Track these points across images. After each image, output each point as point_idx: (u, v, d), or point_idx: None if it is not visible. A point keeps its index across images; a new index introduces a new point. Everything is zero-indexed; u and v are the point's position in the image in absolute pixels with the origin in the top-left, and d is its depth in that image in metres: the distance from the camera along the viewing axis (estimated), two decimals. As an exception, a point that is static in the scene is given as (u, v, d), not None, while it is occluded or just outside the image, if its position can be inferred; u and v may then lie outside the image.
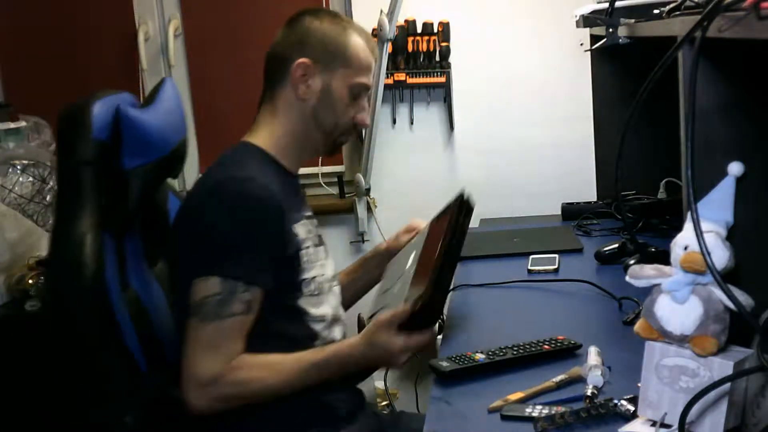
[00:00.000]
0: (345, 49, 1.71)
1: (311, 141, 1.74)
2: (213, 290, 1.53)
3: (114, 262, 1.59)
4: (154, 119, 1.68)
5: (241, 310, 1.54)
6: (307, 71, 1.69)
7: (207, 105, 3.24)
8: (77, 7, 3.22)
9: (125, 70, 3.20)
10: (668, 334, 1.13)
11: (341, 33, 1.72)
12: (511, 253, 2.28)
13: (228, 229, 1.56)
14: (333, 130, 1.74)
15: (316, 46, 1.70)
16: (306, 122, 1.72)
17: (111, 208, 1.60)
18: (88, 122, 1.57)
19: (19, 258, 2.64)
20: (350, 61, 1.71)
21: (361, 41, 1.73)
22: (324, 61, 1.70)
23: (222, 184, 1.60)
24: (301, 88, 1.70)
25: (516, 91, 3.09)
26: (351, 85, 1.71)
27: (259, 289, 1.57)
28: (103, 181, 1.58)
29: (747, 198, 1.10)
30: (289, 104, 1.71)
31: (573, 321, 1.80)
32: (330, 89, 1.71)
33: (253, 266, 1.56)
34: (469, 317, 1.90)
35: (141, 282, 1.74)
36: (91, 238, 1.54)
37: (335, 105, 1.71)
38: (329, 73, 1.70)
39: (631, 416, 1.24)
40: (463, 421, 1.36)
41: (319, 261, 1.72)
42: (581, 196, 2.72)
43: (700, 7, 1.20)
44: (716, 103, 1.11)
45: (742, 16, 0.90)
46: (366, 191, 3.11)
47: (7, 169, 2.75)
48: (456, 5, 3.05)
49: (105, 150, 1.58)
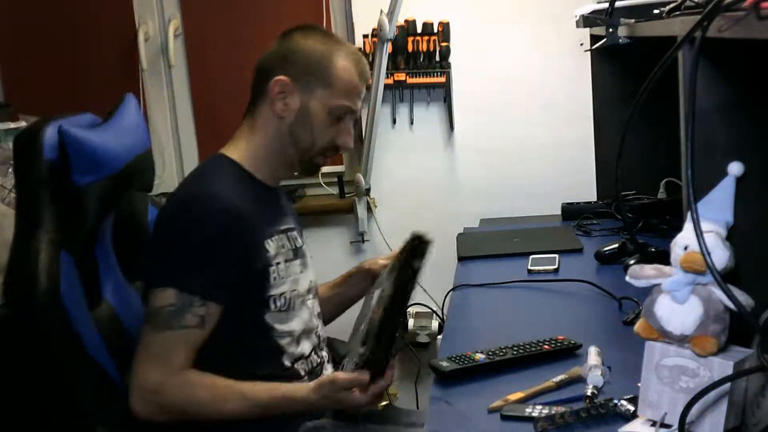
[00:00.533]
0: (327, 70, 1.69)
1: (287, 158, 1.73)
2: (168, 301, 1.54)
3: (74, 279, 1.62)
4: (101, 137, 1.70)
5: (194, 323, 1.55)
6: (285, 89, 1.68)
7: (207, 105, 3.24)
8: (77, 7, 3.22)
9: (125, 70, 3.20)
10: (668, 334, 1.13)
11: (327, 53, 1.70)
12: (511, 253, 2.28)
13: (190, 243, 1.58)
14: (309, 149, 1.71)
15: (298, 64, 1.69)
16: (282, 139, 1.71)
17: (68, 226, 1.63)
18: (39, 144, 1.60)
19: (19, 258, 2.64)
20: (332, 83, 1.69)
21: (347, 64, 1.70)
22: (304, 80, 1.68)
23: (189, 199, 1.62)
24: (278, 105, 1.69)
25: (516, 91, 3.09)
26: (331, 107, 1.69)
27: (215, 305, 1.57)
28: (58, 200, 1.62)
29: (747, 198, 1.10)
30: (267, 120, 1.71)
31: (573, 321, 1.80)
32: (308, 109, 1.69)
33: (212, 282, 1.57)
34: (469, 317, 1.90)
35: (118, 296, 1.77)
36: (45, 254, 1.56)
37: (312, 125, 1.69)
38: (308, 92, 1.69)
39: (631, 416, 1.24)
40: (463, 421, 1.36)
41: (291, 276, 1.71)
42: (581, 196, 2.72)
43: (700, 7, 1.20)
44: (716, 103, 1.11)
45: (742, 16, 0.90)
46: (366, 191, 3.11)
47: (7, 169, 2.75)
48: (456, 5, 3.05)
49: (56, 170, 1.62)
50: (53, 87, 3.16)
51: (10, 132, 2.86)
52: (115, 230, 1.82)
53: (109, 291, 1.76)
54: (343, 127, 1.72)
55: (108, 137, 1.73)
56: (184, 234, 1.59)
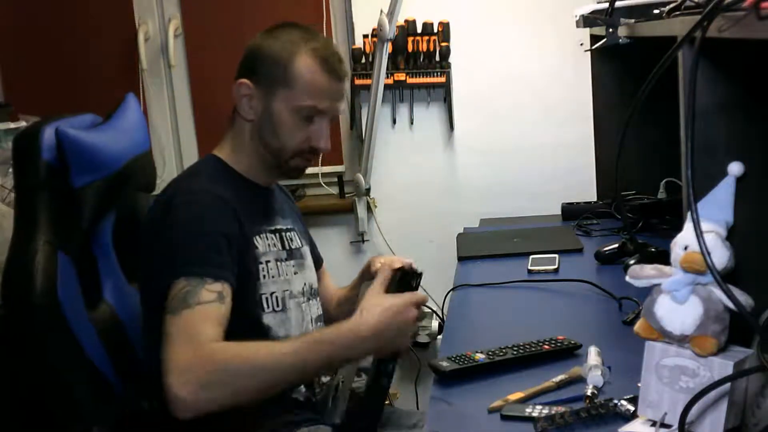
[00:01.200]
0: (286, 70, 1.65)
1: (262, 160, 1.71)
2: (180, 286, 1.50)
3: (72, 279, 1.62)
4: (99, 137, 1.71)
5: (211, 298, 1.49)
6: (247, 92, 1.67)
7: (207, 105, 3.24)
8: (77, 7, 3.22)
9: (125, 70, 3.20)
10: (668, 334, 1.13)
11: (287, 52, 1.66)
12: (511, 253, 2.29)
13: (183, 237, 1.56)
14: (281, 151, 1.68)
15: (260, 65, 1.68)
16: (254, 142, 1.70)
17: (66, 228, 1.63)
18: (38, 145, 1.60)
19: (19, 258, 2.64)
20: (292, 83, 1.65)
21: (311, 61, 1.65)
22: (264, 81, 1.67)
23: (178, 195, 1.61)
24: (243, 108, 1.68)
25: (516, 91, 3.09)
26: (294, 108, 1.65)
27: (227, 284, 1.53)
28: (56, 201, 1.62)
29: (747, 198, 1.10)
30: (241, 123, 1.71)
31: (573, 321, 1.80)
32: (271, 111, 1.66)
33: (217, 265, 1.54)
34: (469, 317, 1.90)
35: (118, 296, 1.78)
36: (42, 255, 1.56)
37: (277, 128, 1.66)
38: (270, 94, 1.66)
39: (631, 416, 1.24)
40: (463, 421, 1.36)
41: (283, 276, 1.69)
42: (581, 196, 2.72)
43: (700, 7, 1.20)
44: (716, 103, 1.11)
45: (742, 16, 0.90)
46: (366, 191, 3.11)
47: (7, 169, 2.75)
48: (456, 5, 3.06)
49: (54, 171, 1.62)
50: (53, 87, 3.16)
51: (10, 132, 2.86)
52: (116, 230, 1.82)
53: (109, 291, 1.77)
54: (315, 128, 1.68)
55: (106, 137, 1.73)
56: (180, 227, 1.57)
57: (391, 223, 3.18)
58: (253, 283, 1.64)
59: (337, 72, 1.68)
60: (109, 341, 1.69)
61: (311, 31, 1.76)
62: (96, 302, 1.72)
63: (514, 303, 1.95)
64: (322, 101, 1.67)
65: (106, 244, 1.79)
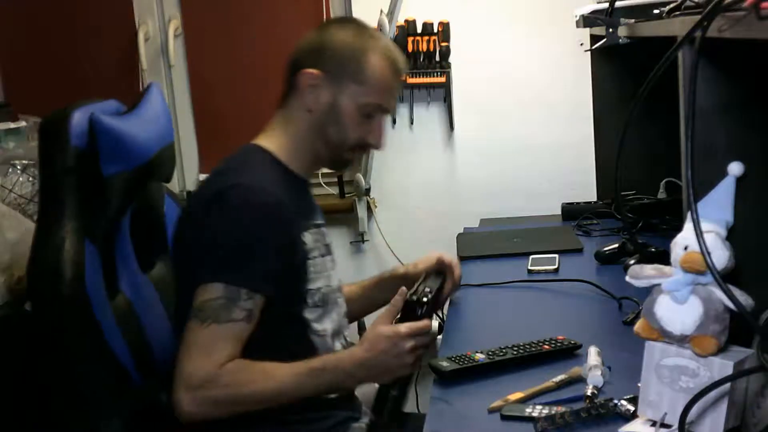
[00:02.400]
0: (359, 66, 1.65)
1: (317, 153, 1.70)
2: (215, 294, 1.50)
3: (97, 269, 1.59)
4: (131, 127, 1.68)
5: (241, 317, 1.50)
6: (315, 82, 1.65)
7: (207, 105, 3.24)
8: (77, 7, 3.22)
9: (125, 70, 3.20)
10: (668, 334, 1.13)
11: (360, 48, 1.66)
12: (511, 253, 2.28)
13: (233, 237, 1.53)
14: (340, 145, 1.68)
15: (330, 57, 1.66)
16: (312, 133, 1.67)
17: (92, 216, 1.60)
18: (66, 131, 1.57)
19: (19, 258, 2.63)
20: (363, 80, 1.65)
21: (382, 61, 1.66)
22: (334, 74, 1.65)
23: (227, 191, 1.55)
24: (308, 99, 1.65)
25: (516, 91, 3.09)
26: (361, 104, 1.65)
27: (261, 297, 1.53)
28: (84, 188, 1.59)
29: (747, 198, 1.10)
30: (298, 113, 1.67)
31: (573, 321, 1.80)
32: (338, 104, 1.65)
33: (258, 275, 1.53)
34: (469, 317, 1.90)
35: (133, 288, 1.74)
36: (70, 245, 1.54)
37: (342, 121, 1.66)
38: (339, 87, 1.65)
39: (631, 416, 1.24)
40: (463, 421, 1.36)
41: (326, 272, 1.69)
42: (581, 196, 2.72)
43: (700, 7, 1.20)
44: (716, 103, 1.11)
45: (742, 16, 0.90)
46: (366, 191, 3.11)
47: (7, 169, 2.75)
48: (456, 5, 3.05)
49: (84, 158, 1.59)
50: (53, 87, 3.16)
51: (10, 132, 2.86)
52: (132, 220, 1.78)
53: (125, 282, 1.73)
54: (374, 125, 1.69)
55: (137, 127, 1.69)
56: (226, 227, 1.54)
57: (391, 223, 3.18)
58: (301, 280, 1.62)
59: (401, 73, 1.72)
60: (128, 333, 1.65)
61: (375, 30, 1.78)
62: (114, 293, 1.68)
63: (514, 303, 1.95)
64: (387, 100, 1.70)
65: (124, 234, 1.75)
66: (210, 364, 1.48)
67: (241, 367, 1.51)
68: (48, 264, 1.53)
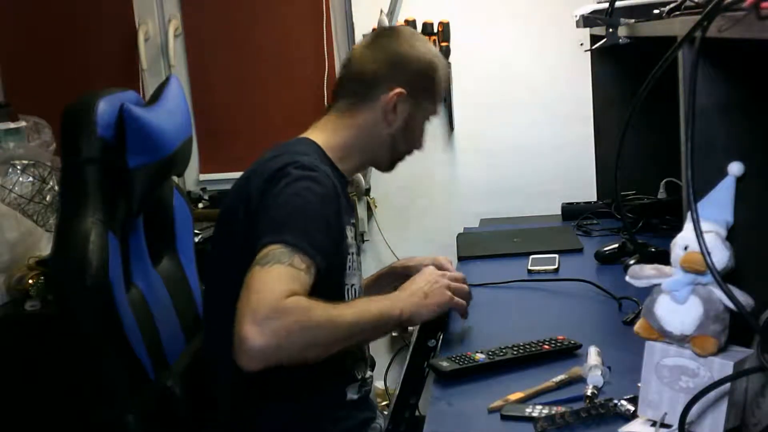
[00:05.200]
0: (433, 83, 1.74)
1: (377, 159, 1.76)
2: (276, 249, 1.47)
3: (118, 260, 1.58)
4: (158, 118, 1.67)
5: (302, 267, 1.47)
6: (400, 100, 1.70)
7: (207, 105, 3.24)
8: (77, 7, 3.22)
9: (125, 70, 3.20)
10: (668, 334, 1.13)
11: (431, 65, 1.74)
12: (511, 253, 2.28)
13: (298, 206, 1.53)
14: (404, 154, 1.78)
15: (410, 75, 1.71)
16: (382, 143, 1.73)
17: (114, 207, 1.59)
18: (93, 120, 1.56)
19: (19, 258, 2.64)
20: (435, 96, 1.75)
21: (446, 77, 1.77)
22: (414, 91, 1.71)
23: (291, 166, 1.57)
24: (390, 115, 1.70)
25: (516, 91, 3.09)
26: (429, 118, 1.77)
27: (315, 267, 1.50)
28: (107, 179, 1.58)
29: (747, 198, 1.10)
30: (370, 123, 1.71)
31: (573, 321, 1.80)
32: (414, 120, 1.73)
33: (317, 245, 1.51)
34: (469, 317, 1.90)
35: (145, 281, 1.73)
36: (95, 235, 1.52)
37: (414, 134, 1.75)
38: (417, 104, 1.72)
39: (631, 416, 1.24)
40: (463, 421, 1.36)
41: (358, 271, 1.72)
42: (581, 196, 2.72)
43: (700, 7, 1.20)
44: (716, 103, 1.11)
45: (742, 16, 0.90)
46: (366, 191, 3.11)
47: (7, 169, 2.75)
48: (456, 5, 3.06)
49: (109, 148, 1.57)
50: (53, 87, 3.17)
51: (10, 132, 2.87)
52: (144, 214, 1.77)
53: (138, 276, 1.72)
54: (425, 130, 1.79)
55: (163, 119, 1.69)
56: (295, 196, 1.54)
57: (391, 223, 3.18)
58: (341, 274, 1.64)
59: None
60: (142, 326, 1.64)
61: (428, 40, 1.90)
62: (128, 286, 1.67)
63: (514, 303, 1.95)
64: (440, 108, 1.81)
65: (139, 227, 1.74)
66: (275, 296, 1.42)
67: (303, 300, 1.46)
68: (75, 254, 1.51)
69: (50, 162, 2.82)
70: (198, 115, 3.23)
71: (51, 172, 2.79)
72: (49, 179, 2.78)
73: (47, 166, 2.81)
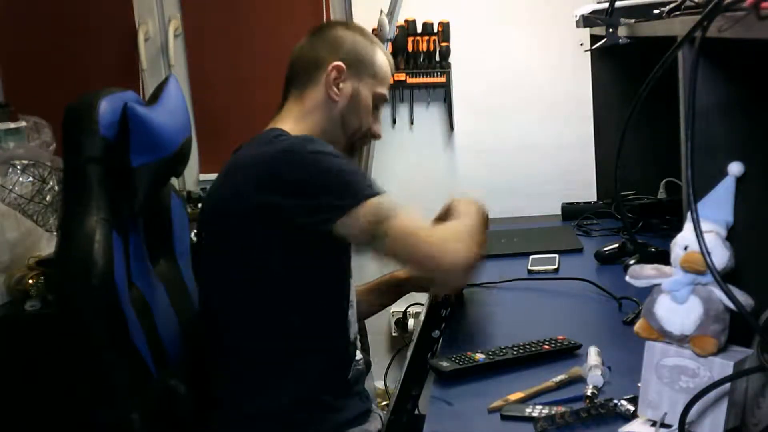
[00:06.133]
0: (372, 60, 1.80)
1: (334, 139, 1.76)
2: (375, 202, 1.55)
3: (122, 259, 1.58)
4: (160, 118, 1.67)
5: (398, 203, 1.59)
6: (341, 74, 1.75)
7: (207, 105, 3.24)
8: (77, 7, 3.22)
9: (125, 70, 3.20)
10: (668, 334, 1.13)
11: (369, 45, 1.81)
12: (511, 253, 2.29)
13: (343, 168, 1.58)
14: (355, 133, 1.80)
15: (349, 52, 1.78)
16: (333, 122, 1.77)
17: (117, 207, 1.59)
18: (95, 119, 1.56)
19: (19, 258, 2.64)
20: (376, 72, 1.80)
21: (386, 58, 1.83)
22: (355, 67, 1.77)
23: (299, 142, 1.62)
24: (333, 90, 1.75)
25: (516, 91, 3.09)
26: (375, 95, 1.80)
27: None
28: (109, 178, 1.58)
29: (747, 198, 1.10)
30: (319, 104, 1.76)
31: (573, 321, 1.80)
32: (359, 94, 1.78)
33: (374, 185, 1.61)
34: (469, 317, 1.90)
35: (145, 281, 1.73)
36: (100, 234, 1.52)
37: (360, 110, 1.78)
38: (358, 79, 1.77)
39: (631, 416, 1.24)
40: (463, 421, 1.36)
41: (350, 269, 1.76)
42: (581, 196, 2.72)
43: (700, 7, 1.20)
44: (716, 103, 1.11)
45: (742, 16, 0.90)
46: (366, 191, 3.11)
47: (7, 169, 2.75)
48: (456, 5, 3.06)
49: (111, 148, 1.57)
50: (53, 87, 3.16)
51: (10, 132, 2.86)
52: None
53: (138, 275, 1.71)
54: (378, 116, 1.84)
55: (165, 118, 1.69)
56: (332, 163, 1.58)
57: (391, 223, 3.18)
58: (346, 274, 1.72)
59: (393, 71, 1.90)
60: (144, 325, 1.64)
61: None
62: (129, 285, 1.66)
63: (514, 303, 1.95)
64: (387, 93, 1.85)
65: (138, 227, 1.74)
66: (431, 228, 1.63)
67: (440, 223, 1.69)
68: (80, 252, 1.51)
69: (50, 162, 2.82)
70: (198, 115, 3.23)
71: (51, 172, 2.78)
72: (49, 179, 2.78)
73: (47, 166, 2.80)
